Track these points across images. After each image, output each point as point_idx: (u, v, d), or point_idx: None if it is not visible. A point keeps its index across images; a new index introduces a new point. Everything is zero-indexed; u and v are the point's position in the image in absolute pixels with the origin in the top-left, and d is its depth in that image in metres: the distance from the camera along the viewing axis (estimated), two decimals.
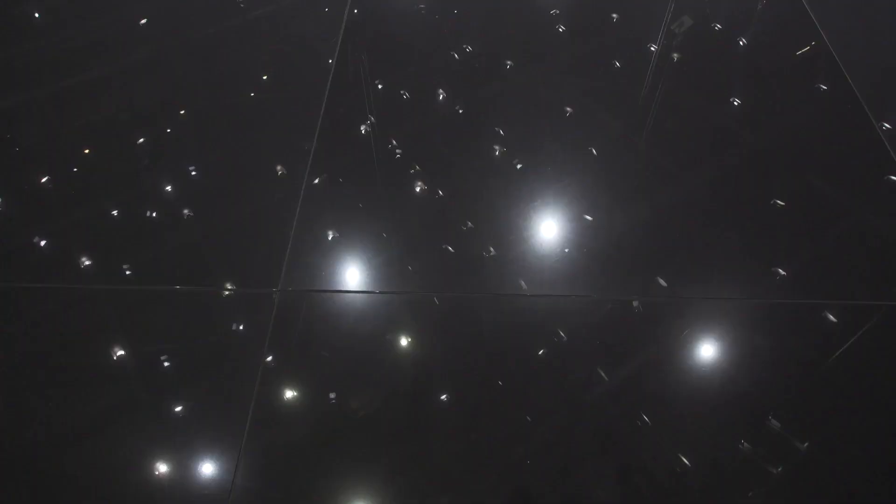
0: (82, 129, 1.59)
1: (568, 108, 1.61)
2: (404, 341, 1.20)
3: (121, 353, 1.18)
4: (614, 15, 1.87)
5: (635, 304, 1.25)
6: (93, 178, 1.48)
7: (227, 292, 1.27)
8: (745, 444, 1.07)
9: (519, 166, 1.49)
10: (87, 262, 1.32)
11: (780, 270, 1.30)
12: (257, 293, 1.26)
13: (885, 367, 1.16)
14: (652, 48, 1.77)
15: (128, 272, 1.30)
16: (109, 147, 1.55)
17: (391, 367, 1.16)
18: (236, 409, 1.11)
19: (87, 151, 1.54)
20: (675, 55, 1.75)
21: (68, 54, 1.78)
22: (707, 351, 1.19)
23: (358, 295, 1.27)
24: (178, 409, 1.11)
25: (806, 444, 1.07)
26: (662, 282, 1.28)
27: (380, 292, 1.26)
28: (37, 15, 1.93)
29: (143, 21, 1.88)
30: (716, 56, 1.76)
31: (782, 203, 1.41)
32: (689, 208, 1.41)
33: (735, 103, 1.63)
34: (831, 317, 1.23)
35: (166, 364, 1.17)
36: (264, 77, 1.71)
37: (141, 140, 1.55)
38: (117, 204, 1.42)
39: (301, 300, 1.25)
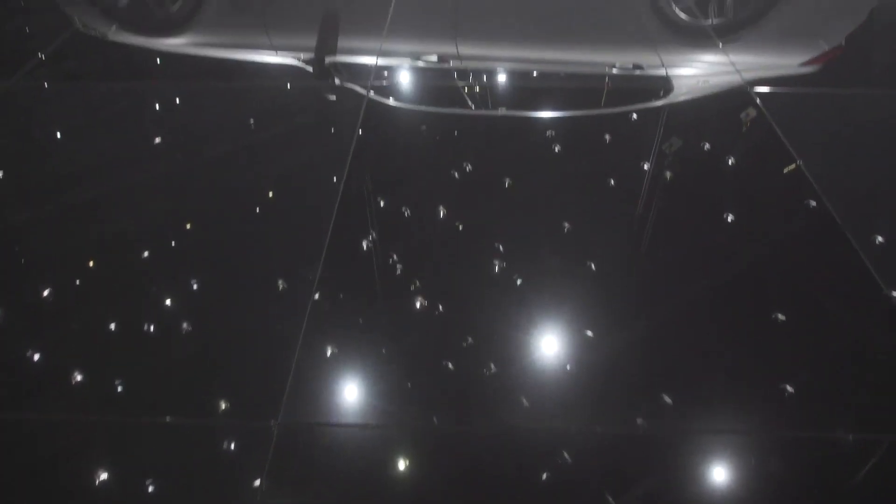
0: (88, 243, 1.62)
1: (566, 224, 1.65)
2: (405, 474, 1.15)
3: (109, 485, 1.13)
4: (607, 136, 1.96)
5: (640, 421, 1.21)
6: (94, 291, 1.49)
7: (224, 421, 1.23)
8: None
9: (519, 282, 1.49)
10: (79, 378, 1.29)
11: (788, 388, 1.27)
12: (255, 426, 1.22)
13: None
14: (645, 167, 1.84)
15: (120, 390, 1.27)
16: (113, 261, 1.57)
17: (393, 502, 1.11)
18: None
19: (91, 265, 1.56)
20: (668, 173, 1.81)
21: (82, 171, 1.85)
22: (715, 477, 1.14)
23: (358, 428, 1.23)
24: None
25: None
26: (667, 399, 1.25)
27: (377, 425, 1.22)
28: (58, 135, 2.02)
29: (157, 140, 1.97)
30: (706, 174, 1.83)
31: (783, 317, 1.40)
32: (690, 324, 1.41)
33: (728, 219, 1.66)
34: (839, 446, 1.19)
35: (157, 498, 1.11)
36: (270, 194, 1.76)
37: (145, 254, 1.57)
38: (116, 318, 1.41)
39: (300, 432, 1.21)
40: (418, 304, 1.44)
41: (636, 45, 2.43)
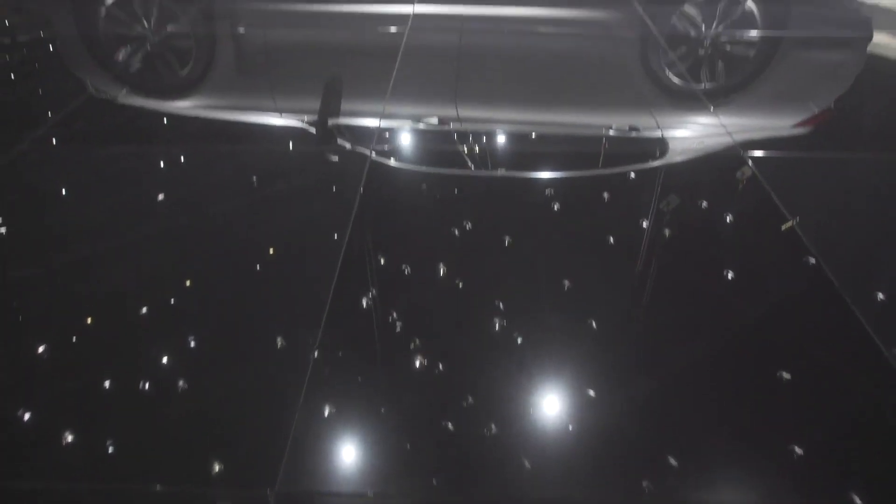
0: (87, 299, 1.61)
1: (566, 282, 1.65)
2: None
3: None
4: (606, 194, 1.98)
5: (645, 484, 1.17)
6: (88, 349, 1.47)
7: (217, 490, 1.20)
8: None
9: (519, 340, 1.48)
10: (69, 440, 1.26)
11: (797, 449, 1.24)
12: (251, 494, 1.19)
13: None
14: (644, 224, 1.85)
15: (110, 453, 1.24)
16: (111, 317, 1.56)
17: None
18: None
19: (88, 321, 1.55)
20: (667, 231, 1.83)
21: (84, 228, 1.86)
22: None
23: (357, 497, 1.19)
24: None
25: None
26: (673, 461, 1.21)
27: (377, 494, 1.18)
28: (64, 191, 2.05)
29: (161, 197, 1.99)
30: (704, 232, 1.84)
31: (788, 376, 1.38)
32: (694, 382, 1.38)
33: (729, 276, 1.66)
34: None
35: None
36: (271, 251, 1.77)
37: (143, 311, 1.57)
38: (110, 376, 1.39)
39: (298, 502, 1.17)
40: (418, 363, 1.43)
41: (632, 108, 2.50)
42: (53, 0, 3.96)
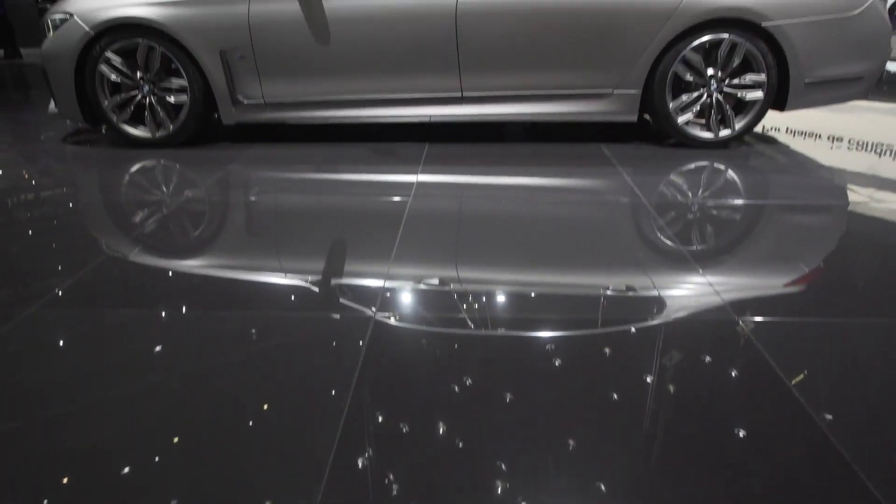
0: (64, 456, 1.54)
1: (571, 442, 1.58)
2: None
3: None
4: (607, 350, 1.98)
5: None
6: None
7: None
8: None
9: None
10: None
11: None
12: None
13: None
14: (648, 380, 1.82)
15: None
16: (88, 477, 1.48)
17: None
18: None
19: (64, 481, 1.47)
20: (671, 387, 1.79)
21: (71, 383, 1.83)
22: None
23: None
24: None
25: None
26: None
27: None
28: (61, 343, 2.04)
29: (157, 348, 1.98)
30: (707, 388, 1.80)
31: None
32: None
33: (741, 434, 1.60)
34: None
35: None
36: (265, 407, 1.72)
37: (125, 470, 1.49)
38: None
39: None
40: None
41: (628, 269, 2.57)
42: (81, 164, 4.26)
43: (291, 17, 3.91)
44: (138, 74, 4.11)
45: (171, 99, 4.17)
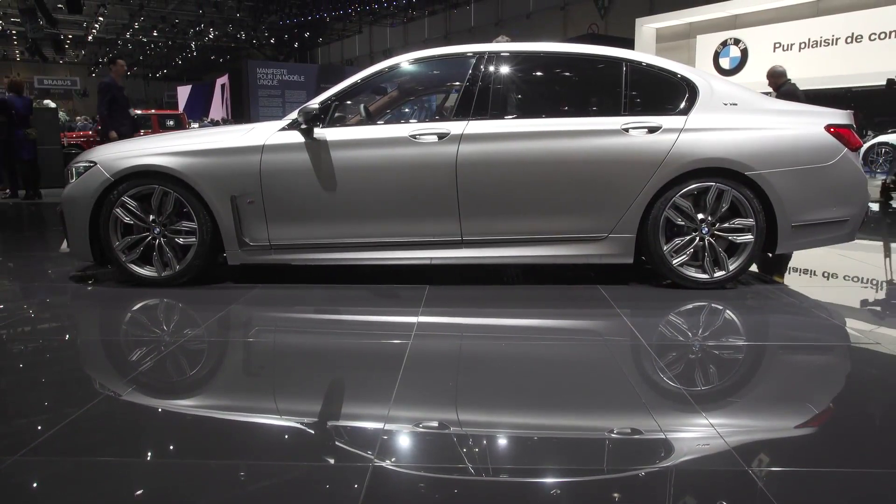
0: None
1: None
2: None
3: None
4: (616, 496, 1.88)
5: None
6: None
7: None
8: None
9: None
10: None
11: None
12: None
13: None
14: None
15: None
16: None
17: None
18: None
19: None
20: None
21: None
22: None
23: None
24: None
25: None
26: None
27: None
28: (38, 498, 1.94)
29: (139, 493, 1.88)
30: None
31: None
32: None
33: None
34: None
35: None
36: None
37: None
38: None
39: None
40: None
41: (630, 413, 2.51)
42: (86, 301, 4.30)
43: (300, 167, 4.14)
44: (150, 217, 4.28)
45: (181, 240, 4.31)
